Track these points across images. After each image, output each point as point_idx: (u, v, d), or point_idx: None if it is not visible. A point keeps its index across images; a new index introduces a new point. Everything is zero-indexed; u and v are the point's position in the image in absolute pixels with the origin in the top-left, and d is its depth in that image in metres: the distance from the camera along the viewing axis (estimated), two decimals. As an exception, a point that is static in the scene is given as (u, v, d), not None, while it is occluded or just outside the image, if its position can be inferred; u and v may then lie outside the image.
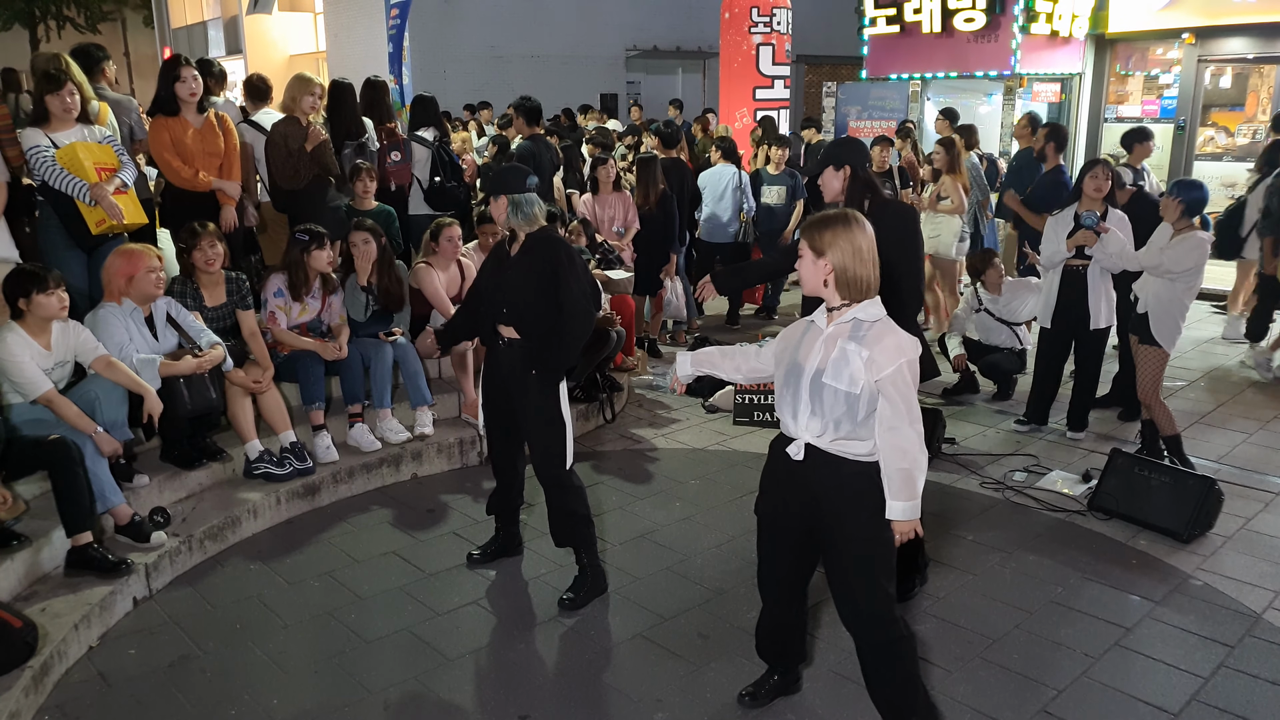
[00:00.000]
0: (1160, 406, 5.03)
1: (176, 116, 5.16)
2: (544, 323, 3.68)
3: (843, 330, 2.69)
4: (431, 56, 16.65)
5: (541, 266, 3.64)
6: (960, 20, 10.12)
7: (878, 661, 2.84)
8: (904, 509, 2.66)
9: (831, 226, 2.67)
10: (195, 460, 4.54)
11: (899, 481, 2.65)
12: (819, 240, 2.67)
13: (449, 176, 6.61)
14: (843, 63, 18.11)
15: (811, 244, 2.69)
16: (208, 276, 4.68)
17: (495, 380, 3.87)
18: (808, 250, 2.70)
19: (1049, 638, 3.59)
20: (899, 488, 2.65)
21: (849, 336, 2.67)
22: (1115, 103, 11.41)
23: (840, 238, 2.65)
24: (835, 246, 2.65)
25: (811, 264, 2.70)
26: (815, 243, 2.68)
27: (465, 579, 4.06)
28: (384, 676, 3.37)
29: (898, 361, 2.60)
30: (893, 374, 2.60)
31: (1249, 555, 4.21)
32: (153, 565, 3.92)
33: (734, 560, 4.19)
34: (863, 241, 2.66)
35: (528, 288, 3.67)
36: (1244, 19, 9.85)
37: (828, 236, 2.66)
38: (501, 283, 3.73)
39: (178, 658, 3.49)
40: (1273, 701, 3.20)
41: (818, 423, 2.70)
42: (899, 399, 2.61)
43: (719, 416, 6.08)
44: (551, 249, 3.66)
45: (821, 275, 2.68)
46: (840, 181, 3.81)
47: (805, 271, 2.73)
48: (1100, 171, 5.21)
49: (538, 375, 3.68)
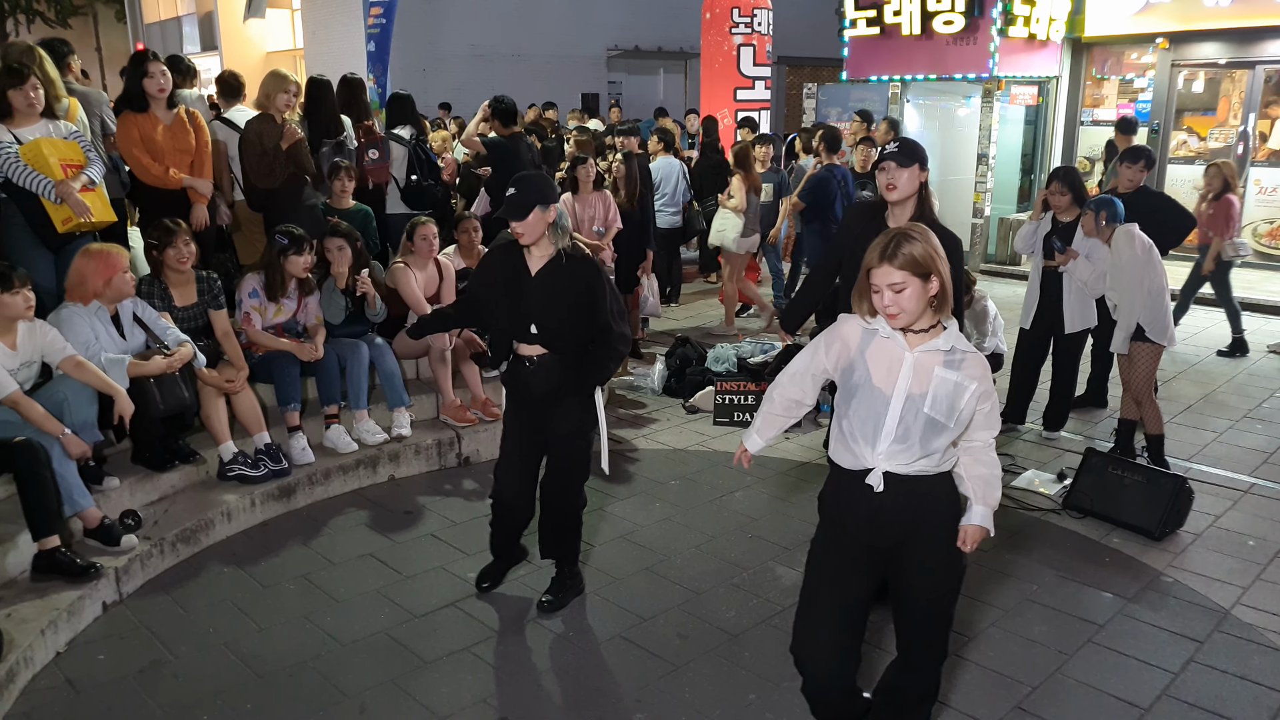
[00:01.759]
0: (1151, 404, 5.07)
1: (146, 113, 5.10)
2: (581, 343, 3.52)
3: (936, 358, 2.47)
4: (411, 55, 16.56)
5: (578, 286, 3.45)
6: (939, 23, 10.17)
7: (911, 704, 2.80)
8: (986, 514, 2.60)
9: (922, 242, 2.41)
10: (168, 462, 4.48)
11: (983, 487, 2.59)
12: (920, 262, 2.38)
13: (426, 175, 6.58)
14: (823, 64, 18.19)
15: (913, 268, 2.38)
16: (178, 276, 4.62)
17: (524, 401, 3.64)
18: (909, 276, 2.38)
19: (1024, 635, 3.61)
20: (984, 493, 2.60)
21: (945, 365, 2.46)
22: (1091, 105, 11.51)
23: (936, 253, 2.42)
24: (937, 264, 2.41)
25: (920, 289, 2.39)
26: (917, 266, 2.38)
27: (443, 581, 4.03)
28: (361, 680, 3.35)
29: (989, 377, 2.54)
30: (989, 390, 2.52)
31: (1218, 552, 4.26)
32: (123, 569, 3.87)
33: (713, 561, 4.20)
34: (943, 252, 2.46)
35: (562, 307, 3.47)
36: (1216, 24, 9.96)
37: (926, 254, 2.40)
38: (526, 300, 3.49)
39: (149, 663, 3.45)
40: (1240, 695, 3.24)
41: (902, 449, 2.48)
42: (994, 411, 2.57)
43: (699, 417, 6.08)
44: (587, 269, 3.48)
45: (929, 297, 2.41)
46: (916, 183, 3.58)
47: (911, 303, 2.40)
48: (1055, 187, 5.28)
49: (575, 393, 3.55)
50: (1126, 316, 4.94)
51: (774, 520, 4.59)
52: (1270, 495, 4.86)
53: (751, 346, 6.62)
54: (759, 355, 6.42)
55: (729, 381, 6.03)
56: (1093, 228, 5.07)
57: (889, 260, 2.39)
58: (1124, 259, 4.90)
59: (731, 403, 5.95)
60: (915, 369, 2.46)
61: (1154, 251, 4.89)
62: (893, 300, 2.41)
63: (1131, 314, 4.92)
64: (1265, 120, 10.40)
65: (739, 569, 4.12)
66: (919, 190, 3.61)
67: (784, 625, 3.65)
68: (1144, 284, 4.86)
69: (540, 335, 3.51)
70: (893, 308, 2.42)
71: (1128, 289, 4.90)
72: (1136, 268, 4.86)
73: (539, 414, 3.64)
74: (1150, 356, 4.99)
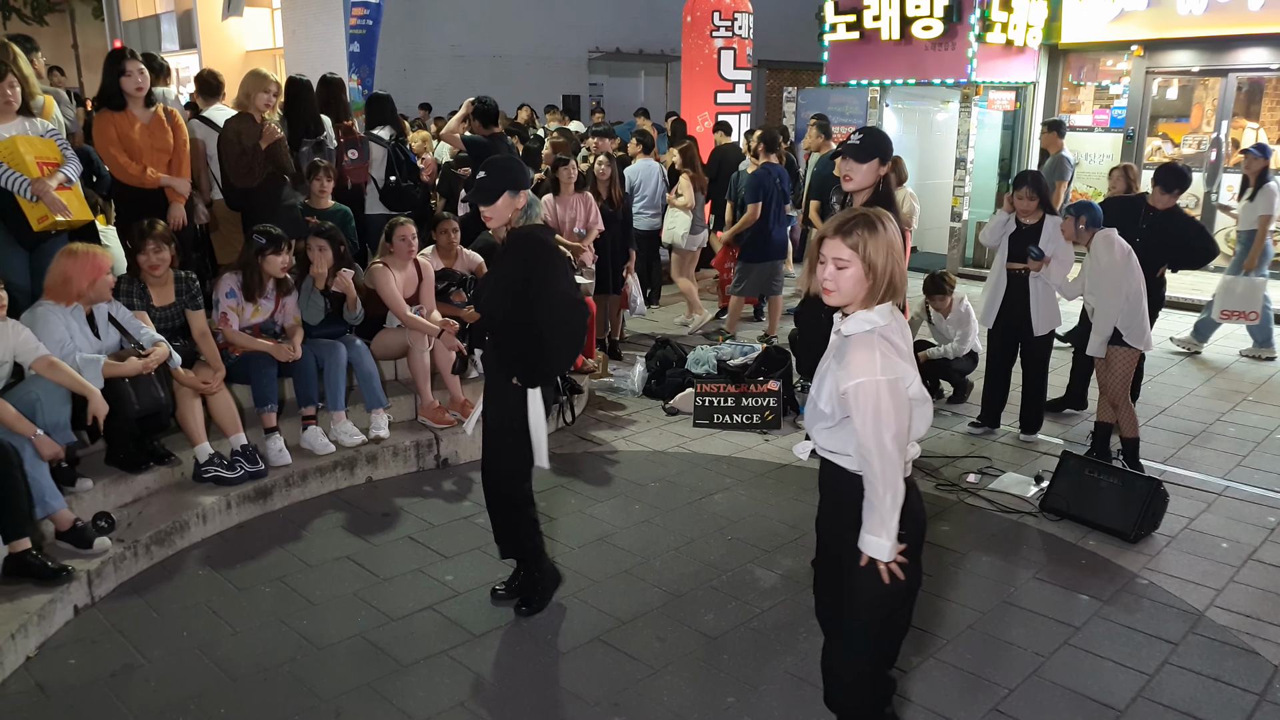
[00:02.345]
0: (1127, 408, 5.13)
1: (123, 111, 5.05)
2: (518, 330, 3.40)
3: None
4: (392, 55, 16.48)
5: (514, 264, 3.37)
6: (918, 28, 10.24)
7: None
8: (867, 541, 2.38)
9: (881, 231, 2.37)
10: (142, 463, 4.43)
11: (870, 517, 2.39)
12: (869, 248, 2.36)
13: (405, 176, 6.55)
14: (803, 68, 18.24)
15: (860, 250, 2.36)
16: (155, 277, 4.58)
17: (485, 390, 3.64)
18: (855, 257, 2.38)
19: (1001, 637, 3.63)
20: (871, 523, 2.39)
21: (835, 351, 2.48)
22: (1068, 111, 11.62)
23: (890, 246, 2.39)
24: (885, 255, 2.38)
25: (861, 275, 2.38)
26: (865, 250, 2.36)
27: (420, 584, 4.01)
28: (336, 684, 3.32)
29: (865, 375, 2.32)
30: (860, 389, 2.32)
31: (1192, 554, 4.30)
32: (95, 572, 3.82)
33: (692, 563, 4.19)
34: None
35: (500, 290, 3.41)
36: (1190, 32, 10.09)
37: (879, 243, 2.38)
38: (482, 286, 3.49)
39: (121, 667, 3.40)
40: (1214, 697, 3.27)
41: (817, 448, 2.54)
42: (858, 428, 2.35)
43: (679, 419, 6.08)
44: (525, 247, 3.36)
45: (867, 286, 2.38)
46: (874, 176, 3.76)
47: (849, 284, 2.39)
48: (1024, 192, 5.33)
49: (516, 384, 3.44)
50: (1103, 321, 4.99)
51: (753, 523, 4.59)
52: (1243, 498, 4.92)
53: (732, 348, 6.63)
54: (739, 357, 6.42)
55: (709, 383, 6.04)
56: (1072, 232, 5.12)
57: (842, 235, 2.36)
58: (1103, 264, 4.95)
59: (711, 404, 5.96)
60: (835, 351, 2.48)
61: (1133, 257, 4.94)
62: (832, 276, 2.38)
63: (1109, 319, 4.96)
64: (1238, 128, 10.55)
65: (718, 571, 4.12)
66: (879, 183, 3.72)
67: (763, 628, 3.66)
68: (1122, 289, 4.91)
69: (483, 321, 3.51)
70: (830, 283, 2.39)
71: (1106, 294, 4.95)
72: (1115, 273, 4.91)
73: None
74: (1127, 361, 5.03)
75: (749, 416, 5.93)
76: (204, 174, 5.84)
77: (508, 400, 3.50)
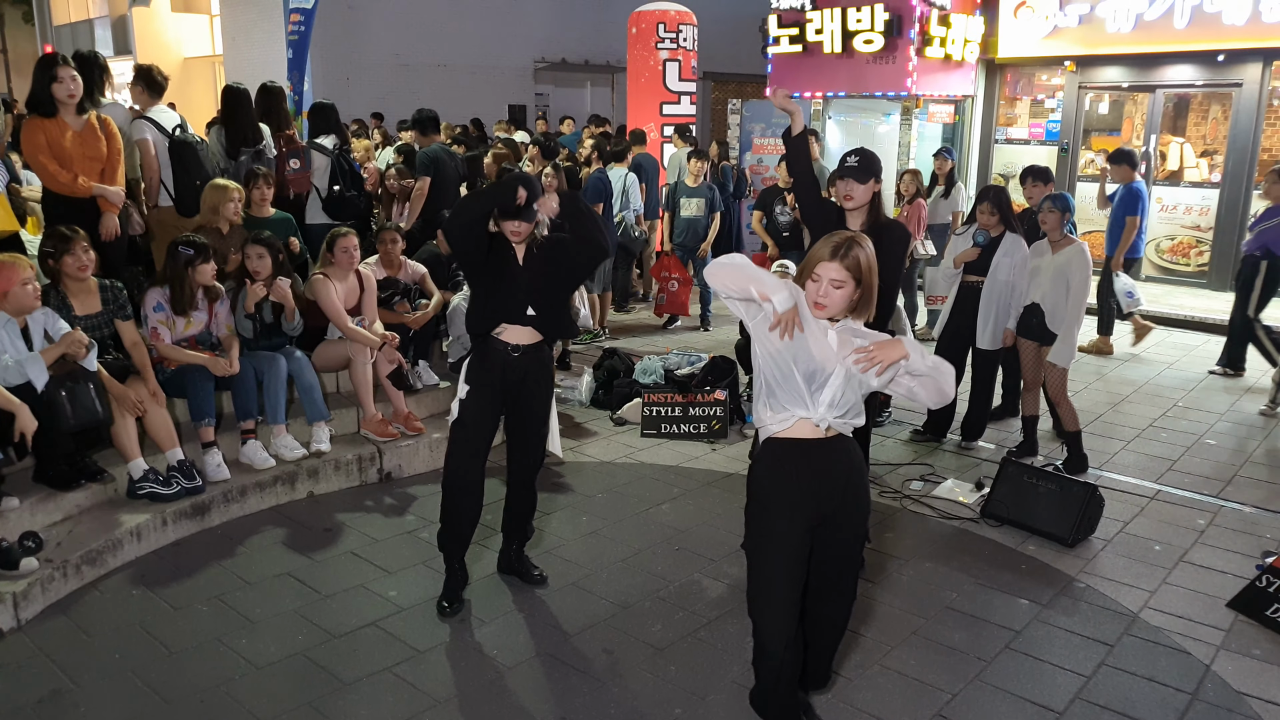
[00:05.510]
0: (1067, 404, 5.34)
1: (54, 118, 4.90)
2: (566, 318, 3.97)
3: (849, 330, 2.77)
4: (334, 63, 16.28)
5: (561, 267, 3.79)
6: (860, 42, 10.42)
7: (836, 631, 3.02)
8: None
9: (869, 253, 2.73)
10: (73, 480, 4.28)
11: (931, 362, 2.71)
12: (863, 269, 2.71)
13: (349, 185, 6.46)
14: (748, 80, 18.43)
15: (854, 271, 2.70)
16: (78, 284, 4.44)
17: (498, 386, 3.77)
18: (849, 277, 2.69)
19: (944, 642, 3.69)
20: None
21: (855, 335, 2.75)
22: (1005, 125, 11.92)
23: (874, 267, 2.75)
24: (873, 276, 2.75)
25: (853, 292, 2.71)
26: (858, 270, 2.70)
27: (363, 600, 3.94)
28: (276, 704, 3.24)
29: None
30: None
31: (1127, 558, 4.41)
32: (21, 594, 3.68)
33: (640, 574, 4.19)
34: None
35: (553, 286, 3.80)
36: (1119, 49, 10.42)
37: (869, 265, 2.73)
38: (520, 284, 3.70)
39: (48, 692, 3.28)
40: (1148, 696, 3.36)
41: (836, 410, 2.73)
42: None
43: (627, 429, 6.07)
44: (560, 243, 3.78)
45: (853, 300, 2.72)
46: (870, 194, 3.95)
47: (841, 301, 2.70)
48: (985, 207, 5.47)
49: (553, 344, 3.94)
50: (1071, 329, 5.19)
51: (701, 533, 4.60)
52: (1174, 501, 5.06)
53: (679, 358, 6.65)
54: (686, 367, 6.45)
55: (656, 393, 6.04)
56: (1059, 224, 5.24)
57: (840, 259, 2.69)
58: (1078, 279, 5.13)
59: (659, 414, 5.97)
60: (841, 344, 2.73)
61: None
62: (827, 293, 2.69)
63: (1077, 326, 5.19)
64: (1165, 142, 10.90)
65: (665, 582, 4.12)
66: (872, 199, 3.97)
67: (710, 638, 3.67)
68: (1084, 300, 5.16)
69: (538, 317, 3.75)
70: (824, 299, 2.70)
71: (1078, 302, 5.15)
72: (1086, 285, 5.15)
73: (515, 399, 3.83)
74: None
75: (696, 426, 5.95)
76: (155, 176, 5.65)
77: (546, 390, 3.93)
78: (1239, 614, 3.91)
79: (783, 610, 2.77)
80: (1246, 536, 4.64)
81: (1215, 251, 10.39)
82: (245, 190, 5.68)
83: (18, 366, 3.91)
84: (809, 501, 2.77)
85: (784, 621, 2.77)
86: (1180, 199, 10.62)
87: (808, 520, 2.78)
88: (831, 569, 2.88)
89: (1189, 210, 10.61)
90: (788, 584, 2.77)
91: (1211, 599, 4.04)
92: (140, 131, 5.57)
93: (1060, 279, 5.16)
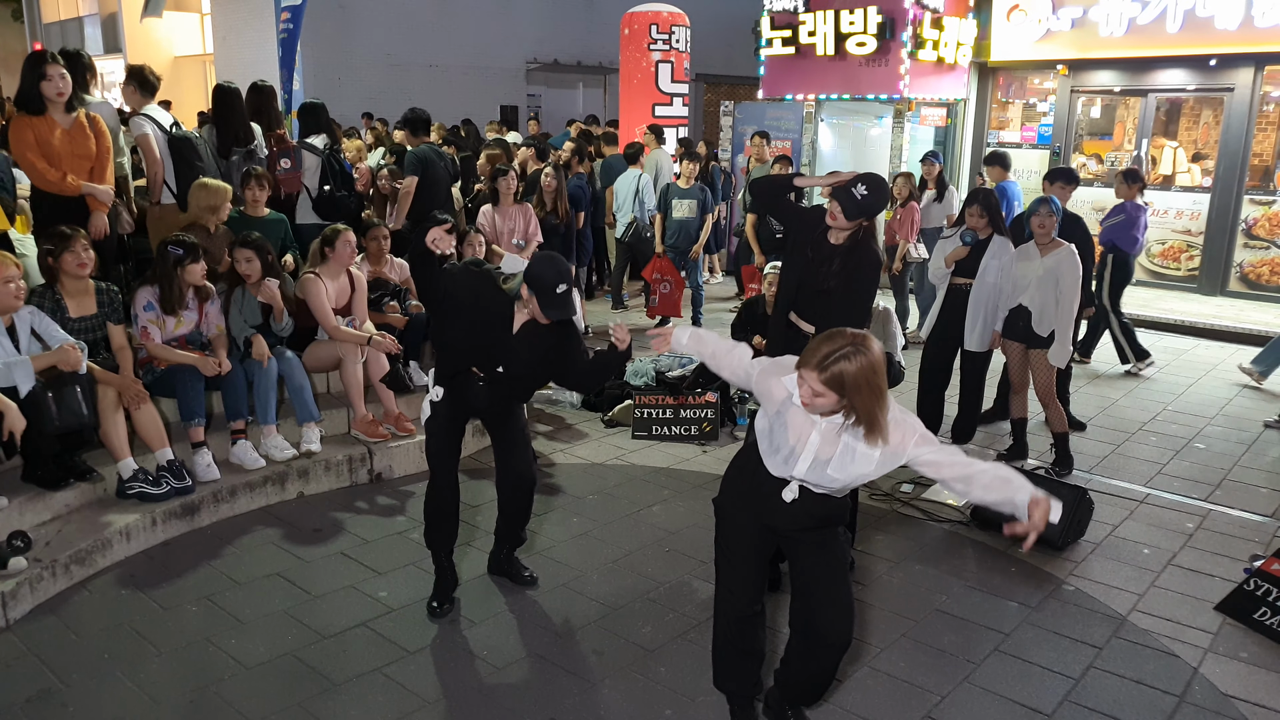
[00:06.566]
0: (1055, 406, 5.37)
1: (43, 116, 4.87)
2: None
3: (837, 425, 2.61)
4: (325, 63, 16.25)
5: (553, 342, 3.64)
6: (852, 44, 10.43)
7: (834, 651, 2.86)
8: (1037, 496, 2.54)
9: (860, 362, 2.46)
10: (62, 480, 4.26)
11: (1016, 484, 2.55)
12: (846, 385, 2.48)
13: (339, 185, 6.45)
14: (740, 83, 18.46)
15: (836, 388, 2.48)
16: (75, 284, 4.42)
17: (467, 409, 3.80)
18: (829, 391, 2.48)
19: (933, 645, 3.69)
20: (1021, 484, 2.55)
21: (851, 431, 2.58)
22: (997, 128, 11.94)
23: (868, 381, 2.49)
24: (863, 394, 2.49)
25: (837, 404, 2.54)
26: (840, 387, 2.48)
27: (353, 601, 3.93)
28: (265, 705, 3.23)
29: (914, 435, 2.58)
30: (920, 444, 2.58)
31: (1115, 560, 4.43)
32: (10, 593, 3.66)
33: (630, 576, 4.19)
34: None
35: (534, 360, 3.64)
36: (1112, 53, 10.46)
37: (857, 380, 2.49)
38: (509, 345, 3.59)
39: (36, 692, 3.27)
40: (1136, 699, 3.37)
41: (810, 481, 2.69)
42: (943, 458, 2.59)
43: (618, 431, 6.07)
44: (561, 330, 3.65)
45: (843, 409, 2.56)
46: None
47: (826, 408, 2.55)
48: (975, 209, 5.48)
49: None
50: (1067, 330, 5.21)
51: (691, 534, 4.60)
52: (1163, 505, 5.09)
53: (670, 360, 6.65)
54: (677, 369, 6.45)
55: (647, 395, 6.04)
56: (1054, 228, 5.26)
57: (819, 370, 2.47)
58: (1068, 281, 5.15)
59: (650, 416, 5.97)
60: (823, 435, 2.63)
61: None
62: (809, 399, 2.54)
63: (1069, 329, 5.20)
64: (1157, 146, 10.95)
65: (655, 584, 4.12)
66: (858, 230, 3.90)
67: (700, 640, 3.67)
68: (1075, 302, 5.17)
69: (512, 381, 3.69)
70: (808, 401, 2.55)
71: (1069, 305, 5.17)
72: (1077, 288, 5.17)
73: (484, 419, 3.93)
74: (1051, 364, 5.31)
75: (687, 428, 5.95)
76: (158, 172, 5.61)
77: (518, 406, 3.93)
78: (1227, 617, 3.93)
79: (741, 565, 2.91)
80: (1235, 540, 4.66)
81: (1206, 256, 10.43)
82: (240, 190, 5.67)
83: (5, 370, 3.89)
84: (754, 509, 2.85)
85: (742, 576, 2.91)
86: (1171, 203, 10.66)
87: (758, 520, 2.86)
88: (821, 571, 2.85)
89: (1180, 215, 10.65)
90: (747, 547, 2.90)
91: (1200, 602, 4.06)
92: (141, 128, 5.55)
93: (1049, 281, 5.18)
